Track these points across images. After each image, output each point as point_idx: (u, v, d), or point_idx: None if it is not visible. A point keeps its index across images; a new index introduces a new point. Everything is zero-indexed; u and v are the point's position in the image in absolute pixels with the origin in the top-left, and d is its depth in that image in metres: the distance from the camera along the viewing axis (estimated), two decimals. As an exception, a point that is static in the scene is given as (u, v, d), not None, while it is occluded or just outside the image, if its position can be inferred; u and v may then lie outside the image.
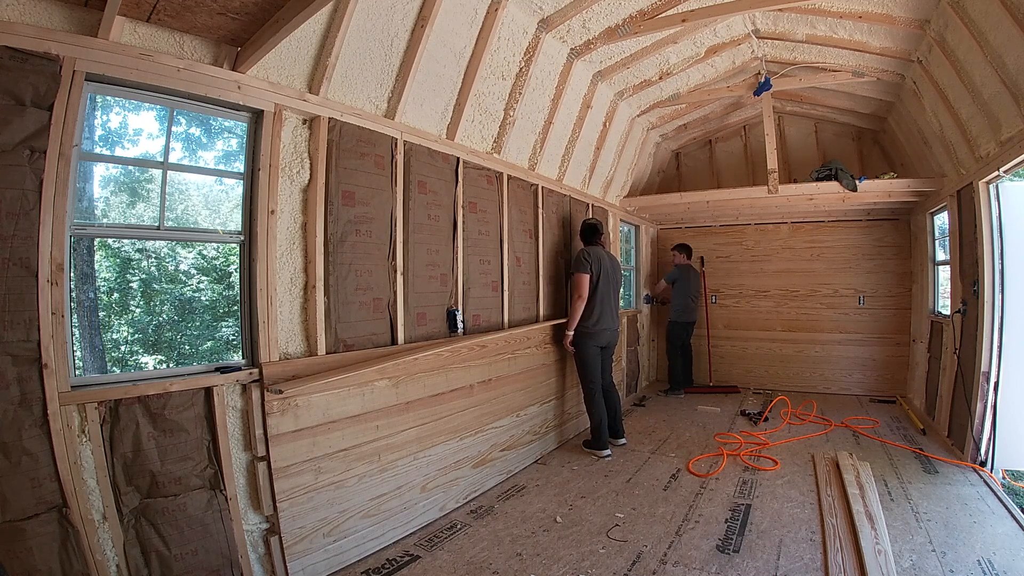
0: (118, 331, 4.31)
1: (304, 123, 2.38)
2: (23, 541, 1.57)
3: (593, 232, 3.99)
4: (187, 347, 4.58)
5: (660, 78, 4.39)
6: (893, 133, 4.96)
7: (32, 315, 1.61)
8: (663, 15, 3.38)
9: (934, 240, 4.86)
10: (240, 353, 2.23)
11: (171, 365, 4.47)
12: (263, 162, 2.18)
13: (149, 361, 4.45)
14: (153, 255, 4.53)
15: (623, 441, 4.01)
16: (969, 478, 3.18)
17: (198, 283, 4.78)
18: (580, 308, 3.77)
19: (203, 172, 5.11)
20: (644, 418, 4.88)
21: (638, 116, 5.06)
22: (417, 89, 2.79)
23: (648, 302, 6.44)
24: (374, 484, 2.51)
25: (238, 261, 2.25)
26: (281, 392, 2.09)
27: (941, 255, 4.67)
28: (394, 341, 2.70)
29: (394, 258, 2.71)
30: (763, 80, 4.62)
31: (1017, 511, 2.71)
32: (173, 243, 4.42)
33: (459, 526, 2.75)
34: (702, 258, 6.41)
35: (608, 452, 3.79)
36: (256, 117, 2.21)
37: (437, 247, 3.01)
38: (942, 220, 4.59)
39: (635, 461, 3.70)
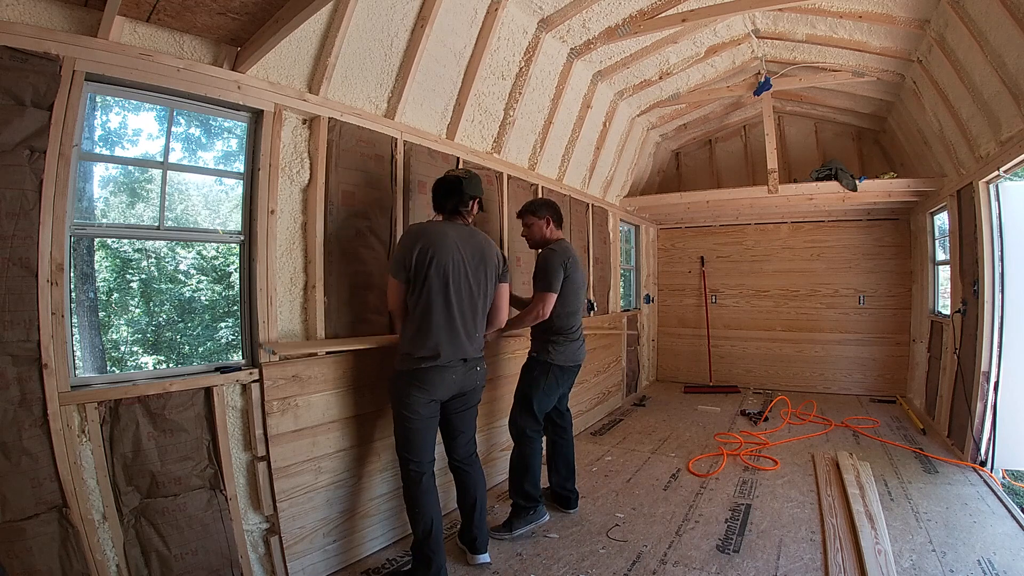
0: (118, 331, 4.31)
1: (304, 123, 2.38)
2: (23, 541, 1.57)
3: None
4: (187, 347, 4.58)
5: (660, 78, 4.38)
6: (893, 133, 4.96)
7: (32, 315, 1.61)
8: (663, 15, 3.38)
9: (934, 240, 4.86)
10: (240, 353, 2.23)
11: (171, 365, 4.47)
12: (263, 162, 2.18)
13: (149, 361, 4.45)
14: (153, 255, 4.52)
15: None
16: (969, 478, 3.18)
17: (198, 283, 4.78)
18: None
19: (203, 172, 5.10)
20: (644, 418, 4.88)
21: (638, 116, 5.06)
22: (417, 89, 2.79)
23: (647, 306, 6.42)
24: (374, 484, 2.51)
25: (238, 261, 2.25)
26: (275, 353, 2.13)
27: (941, 255, 4.67)
28: (394, 341, 2.70)
29: (394, 258, 2.70)
30: (763, 80, 4.62)
31: (1017, 511, 2.71)
32: (173, 243, 4.42)
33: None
34: (702, 258, 6.41)
35: None
36: (256, 117, 2.20)
37: (437, 247, 3.00)
38: (942, 220, 4.59)
39: (635, 461, 3.70)
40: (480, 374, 2.36)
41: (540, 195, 4.00)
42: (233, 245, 2.28)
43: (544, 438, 2.88)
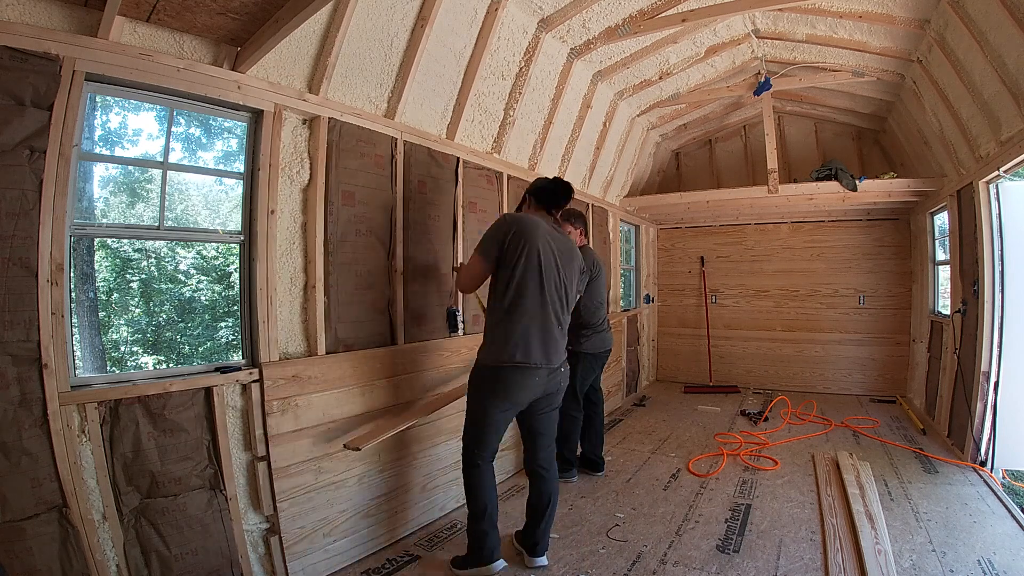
0: (118, 331, 4.31)
1: (304, 123, 2.38)
2: (23, 541, 1.57)
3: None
4: (187, 347, 4.58)
5: (660, 78, 4.38)
6: (893, 133, 4.96)
7: (32, 315, 1.61)
8: (663, 15, 3.38)
9: (934, 240, 4.86)
10: (240, 353, 2.23)
11: (171, 365, 4.47)
12: (263, 162, 2.18)
13: (149, 361, 4.45)
14: (153, 255, 4.52)
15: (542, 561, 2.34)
16: (969, 478, 3.18)
17: (198, 283, 4.77)
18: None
19: (203, 172, 5.09)
20: (644, 418, 4.88)
21: (638, 116, 5.06)
22: (417, 89, 2.79)
23: (648, 301, 6.43)
24: (374, 484, 2.51)
25: (238, 261, 2.25)
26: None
27: (941, 255, 4.67)
28: (394, 341, 2.70)
29: (394, 258, 2.71)
30: (763, 80, 4.62)
31: (1017, 511, 2.71)
32: (173, 243, 4.42)
33: (459, 526, 2.75)
34: (702, 258, 6.41)
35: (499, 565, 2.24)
36: (256, 117, 2.20)
37: (437, 247, 3.01)
38: (942, 220, 4.59)
39: (635, 461, 3.70)
40: (564, 375, 2.31)
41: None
42: (233, 245, 2.28)
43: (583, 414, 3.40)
